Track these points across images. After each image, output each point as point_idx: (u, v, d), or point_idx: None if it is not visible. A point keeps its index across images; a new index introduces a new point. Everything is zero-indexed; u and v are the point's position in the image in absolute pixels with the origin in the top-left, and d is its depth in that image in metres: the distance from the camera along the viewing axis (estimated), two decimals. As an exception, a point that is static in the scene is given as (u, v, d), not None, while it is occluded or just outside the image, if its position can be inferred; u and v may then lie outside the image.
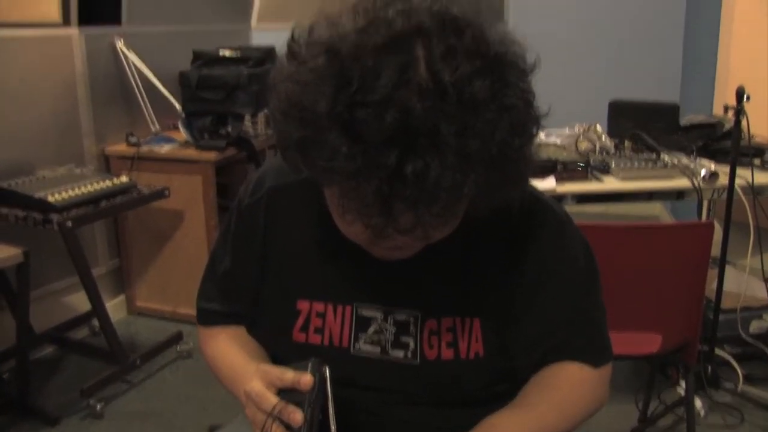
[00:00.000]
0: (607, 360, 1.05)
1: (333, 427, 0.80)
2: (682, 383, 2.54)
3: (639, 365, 2.61)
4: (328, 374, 0.84)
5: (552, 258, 0.99)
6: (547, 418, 0.96)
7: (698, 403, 2.45)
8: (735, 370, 2.58)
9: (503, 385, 1.06)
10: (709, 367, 2.51)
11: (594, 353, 1.04)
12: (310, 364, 0.85)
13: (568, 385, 1.01)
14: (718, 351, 2.56)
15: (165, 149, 3.10)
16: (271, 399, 0.84)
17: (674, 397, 2.52)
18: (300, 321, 1.02)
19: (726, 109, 2.63)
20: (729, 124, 2.52)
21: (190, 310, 1.17)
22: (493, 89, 0.73)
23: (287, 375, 0.85)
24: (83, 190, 2.56)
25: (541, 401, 0.98)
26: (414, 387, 1.00)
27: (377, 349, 0.99)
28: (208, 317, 1.14)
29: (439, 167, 0.70)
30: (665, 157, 2.50)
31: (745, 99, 2.21)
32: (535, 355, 1.02)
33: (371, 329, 1.00)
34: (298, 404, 0.83)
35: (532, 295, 0.99)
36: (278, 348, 1.07)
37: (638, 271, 1.86)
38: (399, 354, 0.99)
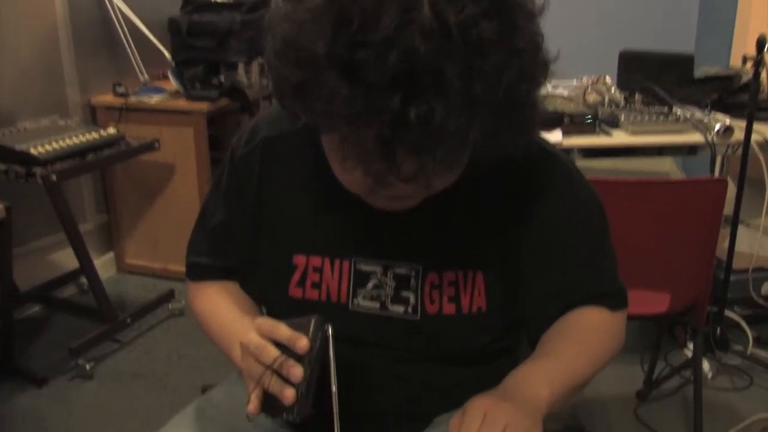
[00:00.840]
0: (624, 304, 1.07)
1: (333, 387, 0.81)
2: (690, 345, 2.57)
3: (645, 326, 2.63)
4: (330, 333, 0.84)
5: (562, 205, 1.00)
6: (574, 364, 0.97)
7: (706, 365, 2.48)
8: (745, 332, 2.60)
9: (506, 341, 1.07)
10: (718, 329, 2.53)
11: (611, 297, 1.05)
12: (312, 322, 0.85)
13: (589, 330, 1.02)
14: (728, 312, 2.58)
15: (154, 100, 3.07)
16: (272, 351, 0.84)
17: (681, 359, 2.55)
18: (296, 276, 1.02)
19: (744, 60, 2.60)
20: (747, 77, 2.50)
21: (182, 268, 1.17)
22: (501, 31, 0.72)
23: (285, 332, 0.85)
24: (68, 142, 2.54)
25: (565, 348, 0.99)
26: (414, 343, 1.01)
27: (376, 305, 1.00)
28: (197, 272, 1.15)
29: (443, 111, 0.70)
30: (677, 110, 2.48)
31: (766, 48, 2.18)
32: (550, 304, 1.03)
33: (370, 284, 1.00)
34: (299, 360, 0.84)
35: (543, 244, 1.00)
36: (274, 304, 1.07)
37: (647, 229, 1.87)
38: (399, 309, 0.99)
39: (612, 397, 2.40)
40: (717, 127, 2.34)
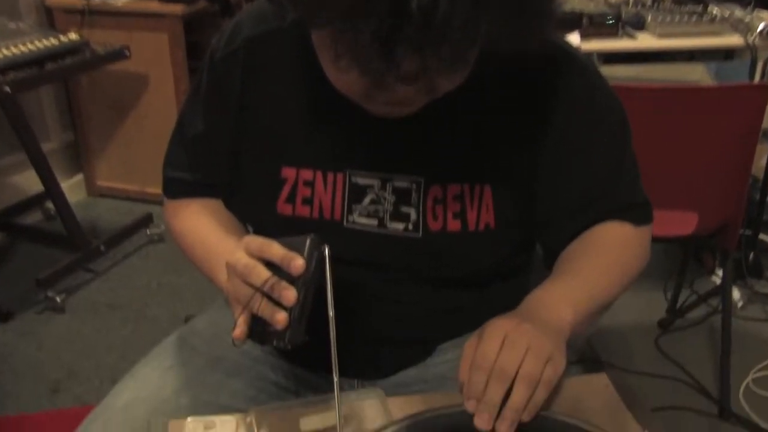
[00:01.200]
0: (648, 218, 1.08)
1: (331, 312, 0.81)
2: (719, 271, 2.60)
3: (670, 250, 2.66)
4: (327, 253, 0.85)
5: (581, 112, 0.99)
6: (597, 283, 0.99)
7: (736, 293, 2.52)
8: (780, 257, 2.64)
9: (516, 262, 1.08)
10: (751, 254, 2.56)
11: (634, 211, 1.06)
12: (308, 241, 0.85)
13: (612, 247, 1.03)
14: (762, 236, 2.60)
15: (121, 1, 3.02)
16: (263, 272, 0.85)
17: (709, 286, 2.58)
18: (285, 191, 1.02)
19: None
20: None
21: (160, 190, 1.17)
22: None
23: (278, 251, 0.86)
24: (22, 48, 2.48)
25: (587, 267, 1.00)
26: (416, 263, 1.02)
27: (374, 222, 1.01)
28: (175, 188, 1.15)
29: (448, 1, 0.69)
30: (713, 9, 2.44)
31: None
32: (568, 221, 1.04)
33: (367, 199, 1.00)
34: (292, 282, 0.84)
35: (560, 154, 1.00)
36: (261, 223, 1.08)
37: (674, 141, 1.86)
38: (399, 226, 1.00)
39: (632, 327, 2.44)
40: (761, 27, 2.31)
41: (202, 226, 1.10)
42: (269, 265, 0.85)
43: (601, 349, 2.33)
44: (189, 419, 0.87)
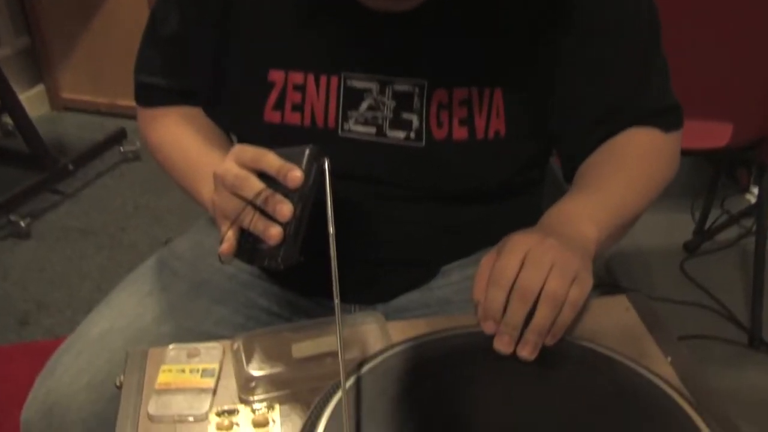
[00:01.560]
0: (679, 123, 1.07)
1: (331, 229, 0.81)
2: (754, 189, 2.61)
3: (699, 165, 2.66)
4: (327, 166, 0.85)
5: (604, 4, 0.98)
6: (623, 196, 0.99)
7: (771, 212, 2.52)
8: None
9: (529, 175, 1.08)
10: (790, 169, 2.56)
11: (663, 116, 1.05)
12: (306, 152, 0.85)
13: (639, 155, 1.03)
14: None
15: None
16: (256, 183, 0.85)
17: (742, 205, 2.59)
18: (273, 96, 1.01)
19: None
20: None
21: (134, 102, 1.16)
22: None
23: (274, 161, 0.85)
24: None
25: (612, 178, 1.00)
26: (418, 176, 1.02)
27: (372, 130, 1.00)
28: (149, 95, 1.14)
29: None
30: None
31: None
32: (590, 128, 1.03)
33: (364, 105, 1.00)
34: (287, 196, 0.84)
35: (580, 53, 0.99)
36: (246, 132, 1.08)
37: (708, 41, 1.84)
38: (399, 135, 1.00)
39: (654, 249, 2.46)
40: None
41: (182, 137, 1.09)
42: (262, 176, 0.85)
43: (620, 274, 2.35)
44: (171, 347, 0.88)
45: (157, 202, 2.72)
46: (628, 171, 1.02)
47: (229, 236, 0.86)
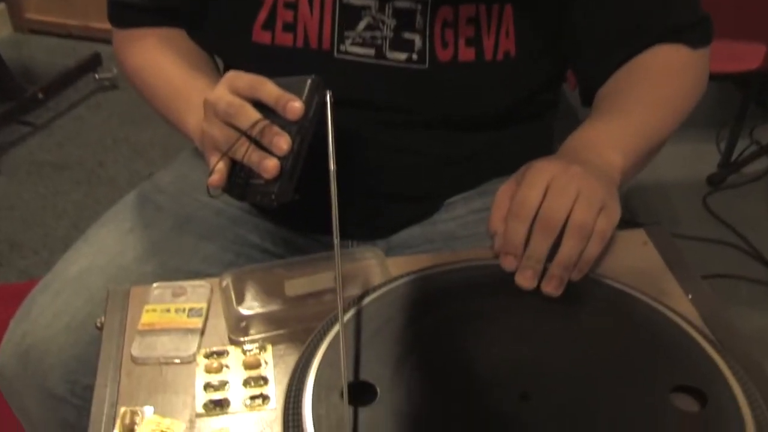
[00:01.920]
0: (708, 38, 1.06)
1: (332, 166, 0.81)
2: (785, 117, 2.59)
3: (727, 90, 2.64)
4: (329, 100, 0.85)
5: None
6: (649, 120, 0.99)
7: (804, 142, 2.52)
8: None
9: (541, 99, 1.09)
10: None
11: (691, 30, 1.04)
12: (308, 82, 0.85)
13: (664, 75, 1.03)
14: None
15: None
16: (252, 113, 0.85)
17: (772, 135, 2.59)
18: (262, 14, 1.00)
19: None
20: None
21: (108, 24, 1.15)
22: None
23: (272, 90, 0.85)
24: None
25: (637, 101, 1.00)
26: (421, 101, 1.01)
27: (370, 52, 1.00)
28: (125, 14, 1.13)
29: None
30: None
31: None
32: (612, 47, 1.02)
33: (362, 24, 0.99)
34: (284, 129, 0.84)
35: None
36: (233, 55, 1.07)
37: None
38: (400, 57, 0.99)
39: (676, 183, 2.46)
40: None
41: (163, 62, 1.09)
42: (257, 106, 0.85)
43: (638, 208, 2.36)
44: (155, 285, 0.88)
45: (138, 134, 2.72)
46: (654, 92, 1.01)
47: (220, 167, 0.86)
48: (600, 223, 0.82)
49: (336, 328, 0.77)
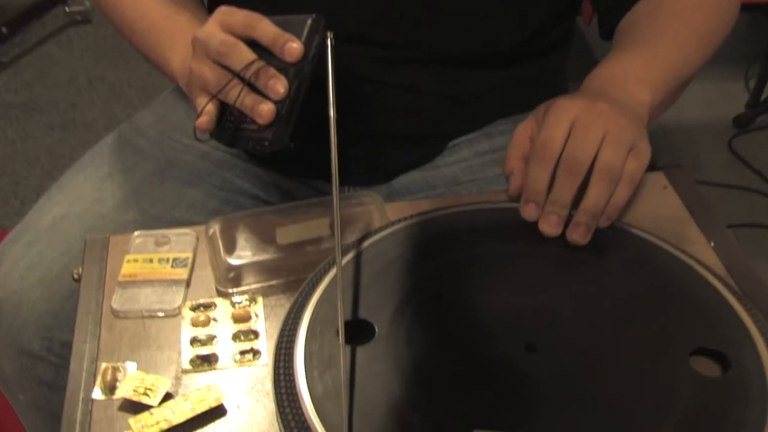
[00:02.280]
0: None
1: (332, 112, 0.81)
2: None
3: (756, 25, 2.62)
4: (331, 41, 0.84)
5: None
6: (677, 53, 0.98)
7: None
8: None
9: (550, 34, 1.08)
10: None
11: None
12: (308, 22, 0.84)
13: (692, 4, 1.01)
14: None
15: None
16: (246, 52, 0.84)
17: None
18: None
19: None
20: None
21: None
22: None
23: (269, 28, 0.84)
24: None
25: (663, 32, 0.99)
26: (422, 35, 1.01)
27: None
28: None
29: None
30: None
31: None
32: None
33: None
34: (281, 71, 0.84)
35: None
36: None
37: None
38: (401, -14, 0.98)
39: (699, 124, 2.45)
40: None
41: None
42: (251, 45, 0.85)
43: (659, 151, 2.35)
44: (136, 233, 0.88)
45: (114, 73, 2.70)
46: (681, 22, 1.00)
47: (209, 109, 0.86)
48: (629, 164, 0.81)
49: (333, 272, 0.77)
